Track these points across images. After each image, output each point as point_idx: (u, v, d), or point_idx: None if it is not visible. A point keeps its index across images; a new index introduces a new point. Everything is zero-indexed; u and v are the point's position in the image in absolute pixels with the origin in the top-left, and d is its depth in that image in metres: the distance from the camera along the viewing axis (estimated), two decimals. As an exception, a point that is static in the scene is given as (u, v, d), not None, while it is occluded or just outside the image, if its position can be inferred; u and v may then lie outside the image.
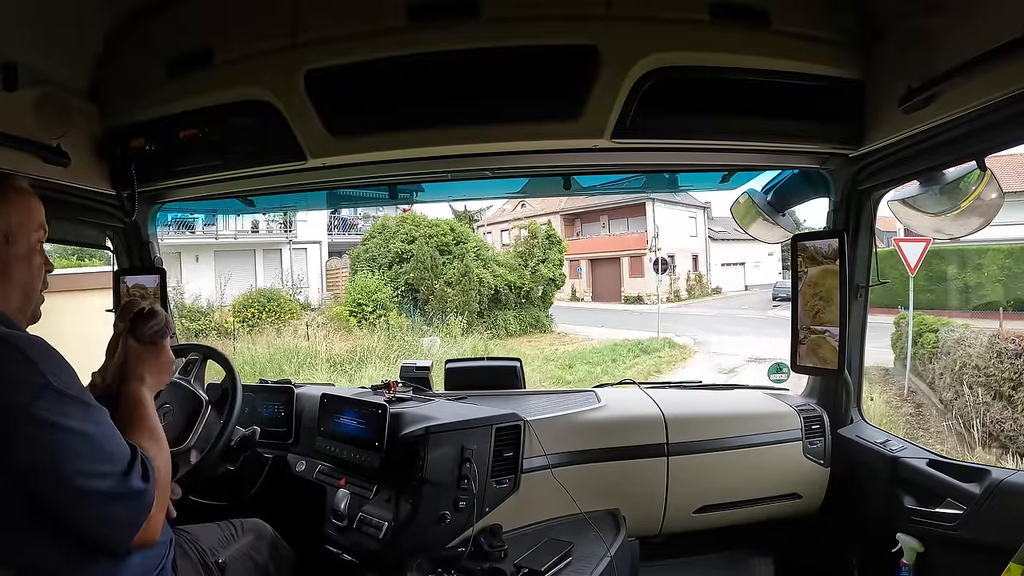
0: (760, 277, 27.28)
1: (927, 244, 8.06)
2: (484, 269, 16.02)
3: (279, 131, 1.55)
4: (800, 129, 1.57)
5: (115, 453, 0.90)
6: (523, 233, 18.33)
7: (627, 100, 1.45)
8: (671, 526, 1.90)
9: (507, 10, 1.43)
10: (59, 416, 0.85)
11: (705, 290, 25.39)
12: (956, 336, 7.67)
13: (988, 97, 1.18)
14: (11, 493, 0.84)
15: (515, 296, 16.40)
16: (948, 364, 7.45)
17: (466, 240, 16.84)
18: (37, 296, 1.04)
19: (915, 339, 8.43)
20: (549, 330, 16.74)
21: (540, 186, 2.32)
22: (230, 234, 17.37)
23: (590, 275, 25.51)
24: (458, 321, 14.24)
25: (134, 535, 0.91)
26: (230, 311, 13.28)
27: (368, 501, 1.64)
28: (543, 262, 17.21)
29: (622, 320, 17.85)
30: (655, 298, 19.44)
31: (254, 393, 2.03)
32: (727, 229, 26.93)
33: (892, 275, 12.68)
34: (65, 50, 1.55)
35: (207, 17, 1.59)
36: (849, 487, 1.91)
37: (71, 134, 1.56)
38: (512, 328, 15.97)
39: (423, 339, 12.72)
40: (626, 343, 13.51)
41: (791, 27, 1.45)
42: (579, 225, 26.88)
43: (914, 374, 8.49)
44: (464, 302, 15.02)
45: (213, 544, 1.36)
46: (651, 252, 21.18)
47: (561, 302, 19.98)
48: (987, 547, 1.41)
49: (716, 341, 13.94)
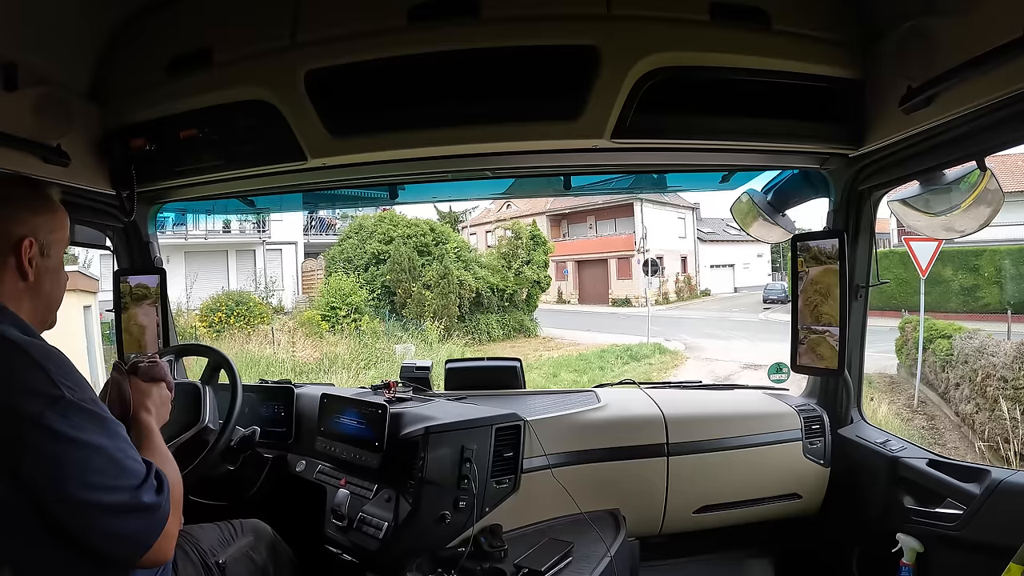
0: (749, 279, 27.10)
1: (939, 244, 7.57)
2: (465, 271, 15.54)
3: (279, 131, 1.55)
4: (800, 129, 1.57)
5: (129, 467, 0.88)
6: (507, 234, 17.84)
7: (627, 100, 1.45)
8: (671, 526, 1.90)
9: (507, 10, 1.43)
10: (72, 428, 0.83)
11: (694, 292, 25.18)
12: (976, 344, 7.04)
13: (988, 97, 1.18)
14: (18, 501, 0.82)
15: (498, 299, 15.97)
16: (966, 374, 6.85)
17: (446, 240, 16.25)
18: (58, 308, 1.05)
19: (925, 345, 7.93)
20: (534, 334, 16.30)
21: (539, 186, 2.33)
22: (200, 234, 16.74)
23: (577, 277, 25.22)
24: (434, 327, 13.62)
25: (147, 551, 0.88)
26: (197, 315, 12.54)
27: (368, 501, 1.64)
28: (527, 263, 16.77)
29: (610, 323, 17.48)
30: (643, 301, 19.13)
31: (254, 393, 2.03)
32: (716, 230, 26.70)
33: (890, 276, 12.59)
34: (65, 50, 1.55)
35: (207, 17, 1.58)
36: (849, 487, 1.91)
37: (71, 134, 1.55)
38: (495, 333, 15.48)
39: (396, 346, 12.06)
40: (614, 348, 13.07)
41: (791, 27, 1.45)
42: (566, 226, 26.55)
43: (923, 383, 7.99)
44: (443, 306, 14.50)
45: (213, 544, 1.36)
46: (639, 253, 20.92)
47: (547, 304, 19.59)
48: (987, 547, 1.41)
49: (708, 346, 13.62)
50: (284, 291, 16.82)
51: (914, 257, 7.77)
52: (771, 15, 1.44)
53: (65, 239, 1.04)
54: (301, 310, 14.95)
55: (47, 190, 1.05)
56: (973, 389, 6.62)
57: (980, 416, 6.35)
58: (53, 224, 1.02)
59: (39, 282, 0.98)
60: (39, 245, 0.98)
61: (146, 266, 2.15)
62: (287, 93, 1.51)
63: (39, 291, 0.99)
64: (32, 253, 0.96)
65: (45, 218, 1.00)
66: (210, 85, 1.58)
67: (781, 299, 20.49)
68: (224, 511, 1.59)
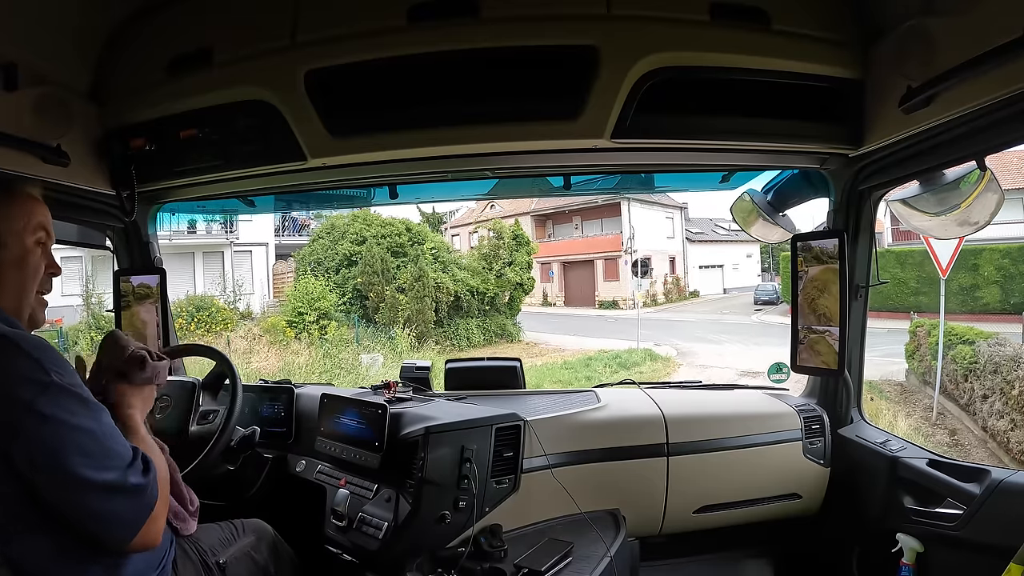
0: (739, 280, 26.75)
1: (960, 241, 7.02)
2: (443, 273, 14.60)
3: (279, 131, 1.55)
4: (800, 129, 1.57)
5: (116, 450, 0.92)
6: (489, 234, 16.96)
7: (627, 100, 1.45)
8: (671, 526, 1.90)
9: (507, 10, 1.43)
10: (63, 412, 0.86)
11: (683, 294, 24.66)
12: (1008, 352, 6.31)
13: (988, 97, 1.18)
14: (10, 486, 0.85)
15: (478, 303, 15.03)
16: (997, 385, 6.14)
17: (423, 241, 15.26)
18: (31, 299, 1.04)
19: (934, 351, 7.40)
20: (516, 339, 15.54)
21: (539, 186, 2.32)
22: (165, 235, 15.43)
23: (562, 279, 24.71)
24: (405, 335, 12.62)
25: (135, 534, 0.91)
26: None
27: (368, 501, 1.64)
28: (509, 264, 15.88)
29: (597, 327, 16.85)
30: (631, 303, 18.59)
31: (254, 393, 2.03)
32: (705, 230, 26.29)
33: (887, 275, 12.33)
34: (65, 50, 1.55)
35: (207, 17, 1.59)
36: (849, 487, 1.91)
37: (71, 134, 1.56)
38: (475, 338, 14.60)
39: (362, 356, 11.08)
40: (602, 355, 12.31)
41: (791, 27, 1.45)
42: (551, 226, 26.01)
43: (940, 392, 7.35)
44: (418, 310, 13.52)
45: (213, 544, 1.36)
46: (626, 254, 20.57)
47: (531, 307, 18.89)
48: (987, 547, 1.41)
49: (701, 351, 12.95)
50: (254, 295, 15.70)
51: (933, 255, 7.28)
52: (771, 15, 1.44)
53: (31, 227, 1.03)
54: (270, 315, 13.97)
55: (5, 182, 1.04)
56: (1008, 403, 5.95)
57: (1017, 434, 5.79)
58: (8, 213, 1.01)
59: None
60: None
61: (146, 266, 2.15)
62: (287, 93, 1.51)
63: (2, 283, 0.99)
64: None
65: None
66: (210, 85, 1.58)
67: (773, 300, 20.19)
68: (224, 511, 1.59)
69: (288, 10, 1.49)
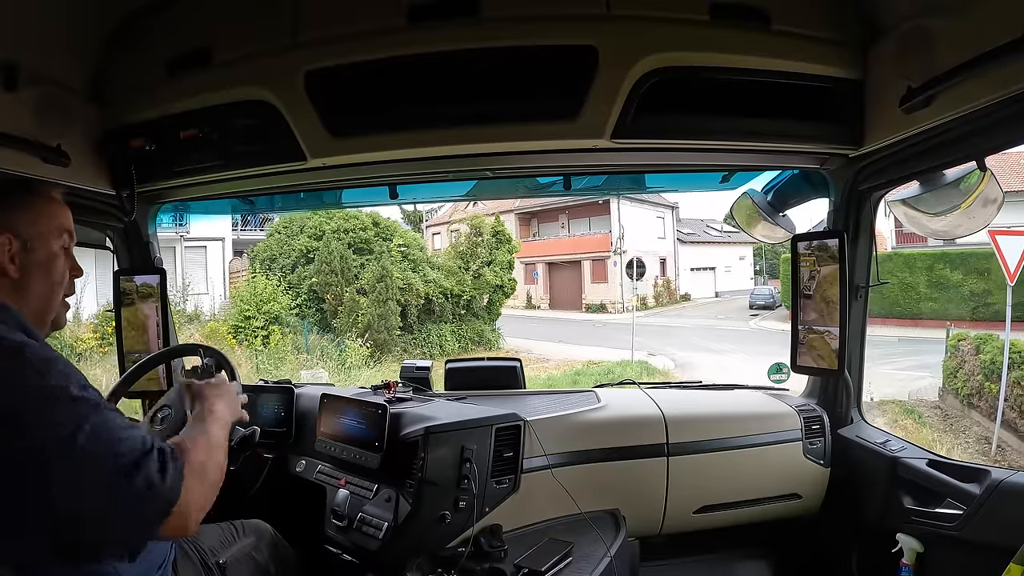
0: (731, 283, 25.83)
1: None
2: (413, 273, 13.04)
3: (279, 131, 1.55)
4: (800, 129, 1.57)
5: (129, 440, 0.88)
6: (467, 230, 15.29)
7: (627, 100, 1.45)
8: (671, 526, 1.90)
9: (507, 10, 1.43)
10: (72, 418, 0.84)
11: (674, 297, 23.38)
12: None
13: (988, 97, 1.18)
14: (13, 488, 0.83)
15: (452, 306, 13.53)
16: None
17: (390, 237, 13.63)
18: (56, 303, 1.04)
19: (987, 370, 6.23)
20: (496, 346, 13.88)
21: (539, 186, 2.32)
22: None
23: (547, 280, 23.49)
24: (357, 347, 10.93)
25: (151, 531, 0.88)
26: (90, 326, 10.07)
27: (368, 501, 1.64)
28: (488, 265, 14.31)
29: (584, 333, 15.62)
30: (620, 306, 17.26)
31: (254, 393, 2.03)
32: (696, 231, 25.30)
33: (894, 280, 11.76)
34: (65, 50, 1.55)
35: (207, 17, 1.59)
36: (849, 487, 1.91)
37: (71, 134, 1.56)
38: (448, 345, 13.03)
39: (303, 372, 9.44)
40: (591, 368, 10.75)
41: (791, 27, 1.45)
42: (536, 225, 24.52)
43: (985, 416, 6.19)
44: (380, 315, 11.85)
45: (214, 545, 1.36)
46: (615, 254, 19.53)
47: (514, 310, 17.45)
48: (987, 547, 1.41)
49: (701, 362, 11.62)
50: (207, 295, 13.99)
51: (1000, 256, 5.92)
52: (771, 15, 1.44)
53: (55, 230, 1.02)
54: (224, 318, 12.17)
55: (31, 184, 1.04)
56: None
57: None
58: (34, 216, 1.00)
59: (26, 278, 0.97)
60: (20, 240, 0.97)
61: (146, 266, 2.15)
62: (287, 93, 1.51)
63: (27, 287, 0.97)
64: (14, 250, 0.96)
65: (22, 213, 0.99)
66: (210, 85, 1.58)
67: (770, 304, 19.47)
68: (224, 511, 1.59)
69: (288, 10, 1.49)
